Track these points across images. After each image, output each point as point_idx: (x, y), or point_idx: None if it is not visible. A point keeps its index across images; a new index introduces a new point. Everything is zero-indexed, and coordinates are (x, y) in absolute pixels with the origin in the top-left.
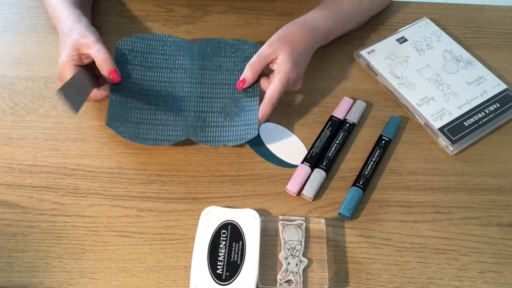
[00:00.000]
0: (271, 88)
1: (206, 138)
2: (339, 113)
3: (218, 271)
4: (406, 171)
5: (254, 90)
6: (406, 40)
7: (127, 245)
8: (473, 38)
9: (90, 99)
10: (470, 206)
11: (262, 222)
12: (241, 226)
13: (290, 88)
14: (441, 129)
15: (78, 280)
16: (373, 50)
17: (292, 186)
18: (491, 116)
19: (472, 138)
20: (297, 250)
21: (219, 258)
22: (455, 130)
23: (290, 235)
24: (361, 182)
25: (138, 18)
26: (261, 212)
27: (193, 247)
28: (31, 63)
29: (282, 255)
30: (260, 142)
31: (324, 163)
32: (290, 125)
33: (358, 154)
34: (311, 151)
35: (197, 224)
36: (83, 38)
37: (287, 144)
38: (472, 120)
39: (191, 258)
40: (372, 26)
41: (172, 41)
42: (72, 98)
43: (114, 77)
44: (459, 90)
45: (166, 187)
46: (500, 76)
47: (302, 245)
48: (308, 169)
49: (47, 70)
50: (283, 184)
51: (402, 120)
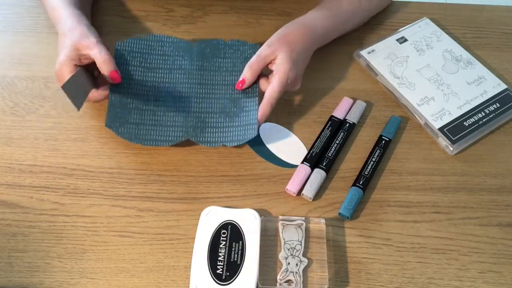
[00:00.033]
0: (270, 88)
1: (206, 138)
2: (339, 113)
3: (218, 271)
4: (406, 171)
5: (253, 91)
6: (406, 40)
7: (127, 245)
8: (473, 38)
9: (88, 100)
10: (470, 206)
11: (262, 222)
12: (241, 226)
13: (289, 88)
14: (441, 129)
15: (78, 280)
16: (373, 50)
17: (292, 186)
18: (491, 116)
19: (472, 138)
20: (297, 250)
21: (219, 258)
22: (455, 130)
23: (290, 235)
24: (361, 182)
25: (138, 18)
26: (261, 212)
27: (193, 247)
28: (31, 63)
29: (282, 255)
30: (260, 142)
31: (324, 163)
32: (290, 125)
33: (358, 154)
34: (311, 151)
35: (197, 224)
36: (84, 39)
37: (287, 144)
38: (472, 120)
39: (191, 258)
40: (372, 26)
41: (171, 41)
42: (74, 95)
43: (115, 78)
44: (459, 90)
45: (166, 187)
46: (500, 76)
47: (302, 245)
48: (308, 169)
49: (47, 70)
50: (283, 184)
51: (402, 120)
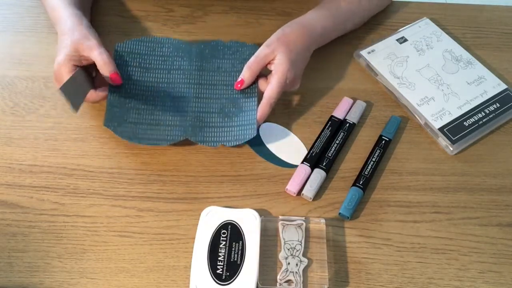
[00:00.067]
0: (269, 88)
1: (204, 138)
2: (339, 113)
3: (218, 271)
4: (406, 171)
5: (252, 91)
6: (406, 40)
7: (127, 245)
8: (473, 38)
9: (87, 101)
10: (470, 206)
11: (262, 222)
12: (241, 226)
13: (288, 88)
14: (441, 129)
15: (78, 280)
16: (373, 50)
17: (292, 186)
18: (491, 116)
19: (472, 138)
20: (297, 250)
21: (219, 258)
22: (455, 130)
23: (290, 235)
24: (361, 182)
25: (138, 18)
26: (261, 212)
27: (193, 247)
28: (31, 63)
29: (282, 255)
30: (260, 142)
31: (324, 163)
32: (289, 125)
33: (358, 154)
34: (311, 151)
35: (197, 224)
36: (84, 40)
37: (287, 144)
38: (472, 120)
39: (191, 258)
40: (372, 26)
41: (170, 42)
42: (72, 97)
43: (116, 79)
44: (459, 90)
45: (166, 187)
46: (500, 76)
47: (302, 245)
48: (308, 169)
49: (47, 70)
50: (283, 184)
51: (402, 120)
